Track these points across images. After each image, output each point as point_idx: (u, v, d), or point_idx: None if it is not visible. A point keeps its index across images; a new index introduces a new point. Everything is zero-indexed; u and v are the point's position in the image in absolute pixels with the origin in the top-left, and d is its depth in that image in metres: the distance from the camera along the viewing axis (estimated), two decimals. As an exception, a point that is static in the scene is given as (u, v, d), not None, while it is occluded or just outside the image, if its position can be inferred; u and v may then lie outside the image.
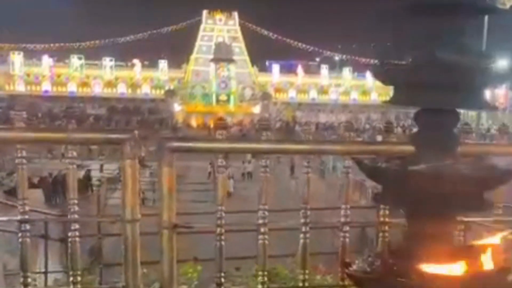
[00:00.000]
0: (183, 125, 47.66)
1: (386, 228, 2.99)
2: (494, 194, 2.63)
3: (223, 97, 54.53)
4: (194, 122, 49.76)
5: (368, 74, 64.85)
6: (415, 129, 2.10)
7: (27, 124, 2.76)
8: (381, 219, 3.01)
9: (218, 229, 2.95)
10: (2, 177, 22.65)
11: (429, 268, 1.95)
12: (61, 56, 65.19)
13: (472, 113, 42.21)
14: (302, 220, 3.00)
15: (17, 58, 61.30)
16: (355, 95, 64.69)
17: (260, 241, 3.01)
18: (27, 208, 2.81)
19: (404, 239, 2.10)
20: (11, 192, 18.02)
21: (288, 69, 69.11)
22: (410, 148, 2.31)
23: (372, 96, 62.85)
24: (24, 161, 2.79)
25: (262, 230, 3.00)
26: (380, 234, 3.03)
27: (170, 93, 56.00)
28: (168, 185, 2.86)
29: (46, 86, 60.89)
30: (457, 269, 1.96)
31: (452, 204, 1.95)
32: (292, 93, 64.48)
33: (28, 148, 2.79)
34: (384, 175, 1.99)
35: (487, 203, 2.09)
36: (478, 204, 2.04)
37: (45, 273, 5.64)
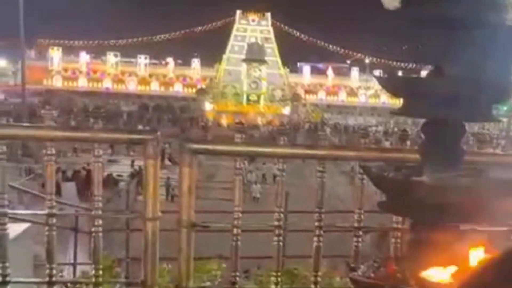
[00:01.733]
0: (213, 124, 47.85)
1: (398, 234, 3.01)
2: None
3: (253, 97, 54.58)
4: (224, 121, 49.90)
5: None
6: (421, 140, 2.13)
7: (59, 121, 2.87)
8: (394, 225, 3.03)
9: (235, 230, 3.00)
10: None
11: (431, 276, 1.98)
12: (98, 53, 66.32)
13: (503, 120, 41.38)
14: (316, 224, 3.03)
15: (55, 54, 62.54)
16: (384, 98, 64.05)
17: (275, 242, 3.06)
18: (54, 203, 2.90)
19: (408, 247, 2.13)
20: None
21: (318, 71, 68.93)
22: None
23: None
24: (53, 158, 2.88)
25: (277, 232, 3.05)
26: (393, 240, 3.06)
27: (202, 92, 56.38)
28: (188, 185, 2.92)
29: (82, 82, 62.02)
30: (458, 277, 1.98)
31: (455, 214, 1.98)
32: (321, 95, 64.39)
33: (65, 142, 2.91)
34: (388, 184, 2.02)
35: (491, 214, 2.11)
36: (482, 215, 2.06)
37: (74, 264, 5.77)
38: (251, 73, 54.37)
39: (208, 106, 52.94)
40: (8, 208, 2.91)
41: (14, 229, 3.26)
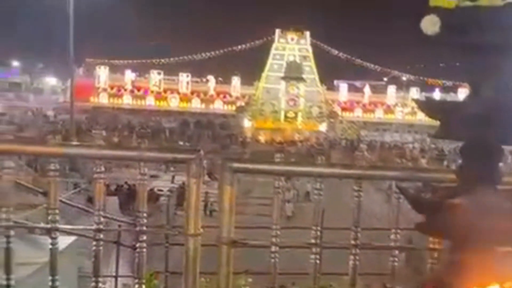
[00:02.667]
0: (251, 141, 48.07)
1: (435, 254, 2.97)
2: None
3: (291, 114, 54.66)
4: (262, 138, 50.11)
5: (436, 94, 63.69)
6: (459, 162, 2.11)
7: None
8: (431, 245, 2.99)
9: (273, 247, 3.02)
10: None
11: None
12: (142, 71, 67.55)
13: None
14: (352, 242, 3.02)
15: (102, 72, 64.09)
16: (421, 116, 63.20)
17: (312, 260, 3.06)
18: (101, 219, 2.97)
19: (445, 269, 2.11)
20: (92, 200, 18.82)
21: (355, 88, 68.61)
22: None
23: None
24: (102, 175, 2.97)
25: (314, 250, 3.05)
26: (429, 260, 3.02)
27: (241, 109, 56.86)
28: (229, 203, 2.96)
29: (126, 99, 63.26)
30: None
31: (492, 237, 1.96)
32: (358, 112, 64.01)
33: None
34: (425, 205, 2.01)
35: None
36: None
37: (116, 277, 5.87)
38: (289, 90, 54.57)
39: (247, 123, 53.28)
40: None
41: (61, 242, 3.35)
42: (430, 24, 1.89)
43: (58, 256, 3.05)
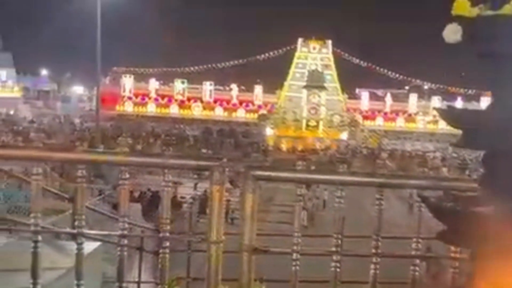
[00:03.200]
0: (273, 149, 48.01)
1: (456, 264, 2.93)
2: None
3: (312, 123, 54.48)
4: (284, 146, 50.00)
5: (458, 103, 62.90)
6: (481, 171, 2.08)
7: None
8: (452, 254, 2.95)
9: (294, 255, 3.01)
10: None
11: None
12: (166, 79, 68.09)
13: None
14: (373, 251, 3.00)
15: (128, 81, 64.83)
16: (443, 124, 62.57)
17: (332, 268, 3.04)
18: (126, 225, 3.00)
19: (467, 277, 2.08)
20: (117, 206, 18.98)
21: (376, 97, 68.21)
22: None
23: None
24: (127, 182, 3.00)
25: (334, 258, 3.03)
26: (451, 270, 2.98)
27: (263, 117, 56.92)
28: (251, 210, 2.96)
29: (151, 107, 63.84)
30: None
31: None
32: (379, 121, 63.60)
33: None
34: (447, 215, 1.99)
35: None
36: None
37: (138, 283, 5.90)
38: (310, 99, 54.44)
39: (269, 131, 53.25)
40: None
41: (86, 247, 3.38)
42: (452, 33, 1.87)
43: (83, 261, 3.08)
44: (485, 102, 62.44)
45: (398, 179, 3.00)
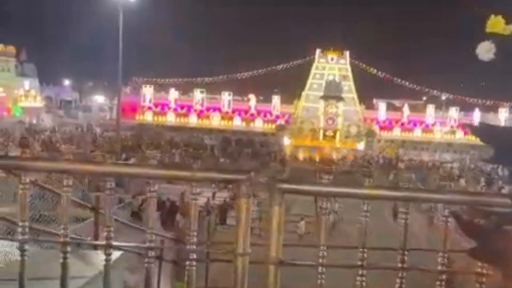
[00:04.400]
0: (290, 158, 47.95)
1: (483, 279, 2.89)
2: None
3: (329, 133, 54.29)
4: (300, 156, 49.95)
5: (476, 114, 62.38)
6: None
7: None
8: (478, 269, 2.91)
9: (320, 268, 3.00)
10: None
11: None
12: (186, 89, 68.45)
13: None
14: (399, 265, 2.97)
15: (148, 91, 65.33)
16: (460, 135, 62.05)
17: (358, 282, 3.02)
18: (153, 237, 3.01)
19: (499, 296, 2.04)
20: (136, 215, 19.08)
21: (394, 107, 67.82)
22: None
23: (479, 136, 60.41)
24: (155, 194, 3.02)
25: (360, 272, 3.01)
26: (477, 286, 2.94)
27: (281, 127, 56.91)
28: (277, 223, 2.95)
29: (170, 117, 64.20)
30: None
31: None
32: (396, 131, 63.20)
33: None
34: (479, 232, 1.96)
35: None
36: None
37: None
38: (328, 110, 54.28)
39: (286, 141, 53.21)
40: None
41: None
42: (486, 51, 1.86)
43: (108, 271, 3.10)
44: (503, 112, 61.89)
45: (424, 193, 2.96)
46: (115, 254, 4.26)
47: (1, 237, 4.38)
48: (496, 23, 1.87)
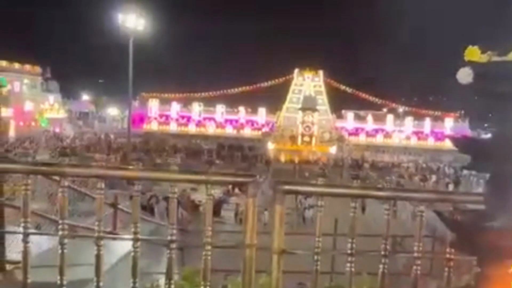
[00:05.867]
0: (273, 160, 47.94)
1: (451, 264, 2.88)
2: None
3: (306, 139, 54.41)
4: (282, 158, 49.97)
5: (427, 123, 63.26)
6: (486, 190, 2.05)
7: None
8: (447, 255, 2.90)
9: (315, 257, 2.97)
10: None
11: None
12: (186, 103, 68.29)
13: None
14: (382, 252, 2.96)
15: (154, 104, 65.09)
16: (415, 140, 62.92)
17: (348, 268, 2.99)
18: (174, 231, 2.96)
19: (475, 281, 2.04)
20: (144, 208, 18.92)
21: (360, 117, 68.26)
22: (476, 198, 2.25)
23: (429, 141, 61.77)
24: (176, 195, 2.97)
25: (349, 259, 2.98)
26: (446, 269, 2.93)
27: (266, 134, 57.02)
28: (279, 219, 2.92)
29: (172, 126, 63.99)
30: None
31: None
32: (362, 137, 63.64)
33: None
34: (461, 227, 1.96)
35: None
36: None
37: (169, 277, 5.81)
38: (305, 119, 54.45)
39: (270, 146, 53.20)
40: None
41: (126, 246, 3.31)
42: (465, 76, 1.85)
43: (125, 258, 3.05)
44: (448, 122, 62.60)
45: (405, 193, 2.94)
46: (128, 243, 4.19)
47: (36, 232, 4.29)
48: (473, 52, 1.86)
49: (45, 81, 63.79)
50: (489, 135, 1.98)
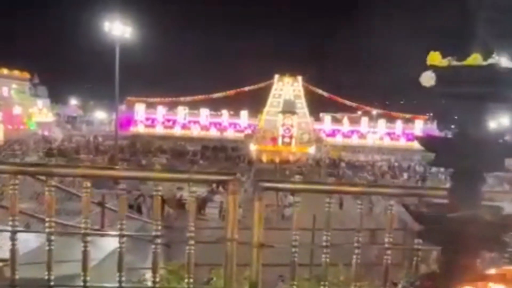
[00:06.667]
0: (256, 160, 47.96)
1: (419, 253, 2.94)
2: None
3: (286, 140, 54.52)
4: (264, 158, 50.01)
5: (398, 125, 64.27)
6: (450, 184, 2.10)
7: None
8: (415, 246, 2.95)
9: (293, 249, 2.99)
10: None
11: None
12: (171, 106, 67.79)
13: None
14: (356, 244, 3.00)
15: (140, 108, 64.48)
16: (387, 141, 63.88)
17: (323, 258, 3.03)
18: (159, 227, 2.95)
19: (440, 267, 2.09)
20: (132, 206, 18.68)
21: (336, 120, 68.86)
22: (441, 193, 2.31)
23: (400, 141, 62.84)
24: (160, 192, 2.96)
25: (325, 250, 3.02)
26: (414, 258, 2.98)
27: (248, 136, 56.98)
28: (258, 215, 2.94)
29: (159, 128, 63.48)
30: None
31: (478, 243, 1.94)
32: (339, 138, 64.23)
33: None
34: (426, 219, 2.00)
35: (503, 243, 2.07)
36: (497, 244, 2.02)
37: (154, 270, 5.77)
38: (285, 122, 54.62)
39: (252, 147, 53.19)
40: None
41: (113, 242, 3.29)
42: (427, 79, 1.90)
43: (112, 254, 3.04)
44: (418, 124, 63.59)
45: (377, 188, 2.99)
46: (114, 240, 4.15)
47: (24, 230, 4.21)
48: (434, 57, 1.91)
49: (33, 86, 62.66)
50: (451, 134, 2.04)
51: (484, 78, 1.84)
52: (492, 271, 2.09)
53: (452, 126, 2.07)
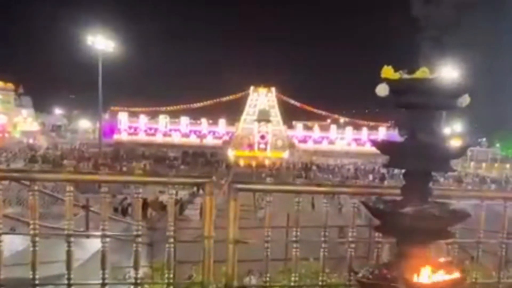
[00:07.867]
0: (233, 165, 47.89)
1: (379, 246, 3.02)
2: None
3: (262, 146, 54.79)
4: (241, 163, 50.01)
5: (364, 131, 65.49)
6: (403, 182, 2.18)
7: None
8: (376, 239, 3.04)
9: (266, 244, 3.03)
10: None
11: (413, 278, 2.02)
12: (153, 115, 67.08)
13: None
14: (322, 239, 3.06)
15: (123, 117, 63.61)
16: (354, 146, 65.05)
17: (293, 252, 3.08)
18: (140, 227, 2.94)
19: (395, 257, 2.16)
20: (116, 210, 18.38)
21: (307, 127, 69.62)
22: (396, 191, 2.39)
23: (366, 146, 64.12)
24: (140, 195, 2.96)
25: (294, 245, 3.07)
26: (375, 250, 3.07)
27: (226, 142, 57.06)
28: (234, 214, 2.97)
29: (141, 136, 62.70)
30: (433, 277, 2.02)
31: (427, 234, 2.03)
32: (310, 144, 64.97)
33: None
34: (382, 214, 2.08)
35: (449, 234, 2.17)
36: (443, 235, 2.12)
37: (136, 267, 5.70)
38: (260, 129, 54.92)
39: (230, 152, 53.14)
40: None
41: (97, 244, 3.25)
42: (382, 90, 1.98)
43: (97, 254, 3.02)
44: (382, 131, 64.99)
45: (341, 188, 3.07)
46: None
47: (9, 232, 4.11)
48: (387, 71, 2.00)
49: (18, 96, 60.96)
50: (402, 139, 2.13)
51: (431, 90, 1.94)
52: (440, 259, 2.18)
53: (401, 132, 2.15)
